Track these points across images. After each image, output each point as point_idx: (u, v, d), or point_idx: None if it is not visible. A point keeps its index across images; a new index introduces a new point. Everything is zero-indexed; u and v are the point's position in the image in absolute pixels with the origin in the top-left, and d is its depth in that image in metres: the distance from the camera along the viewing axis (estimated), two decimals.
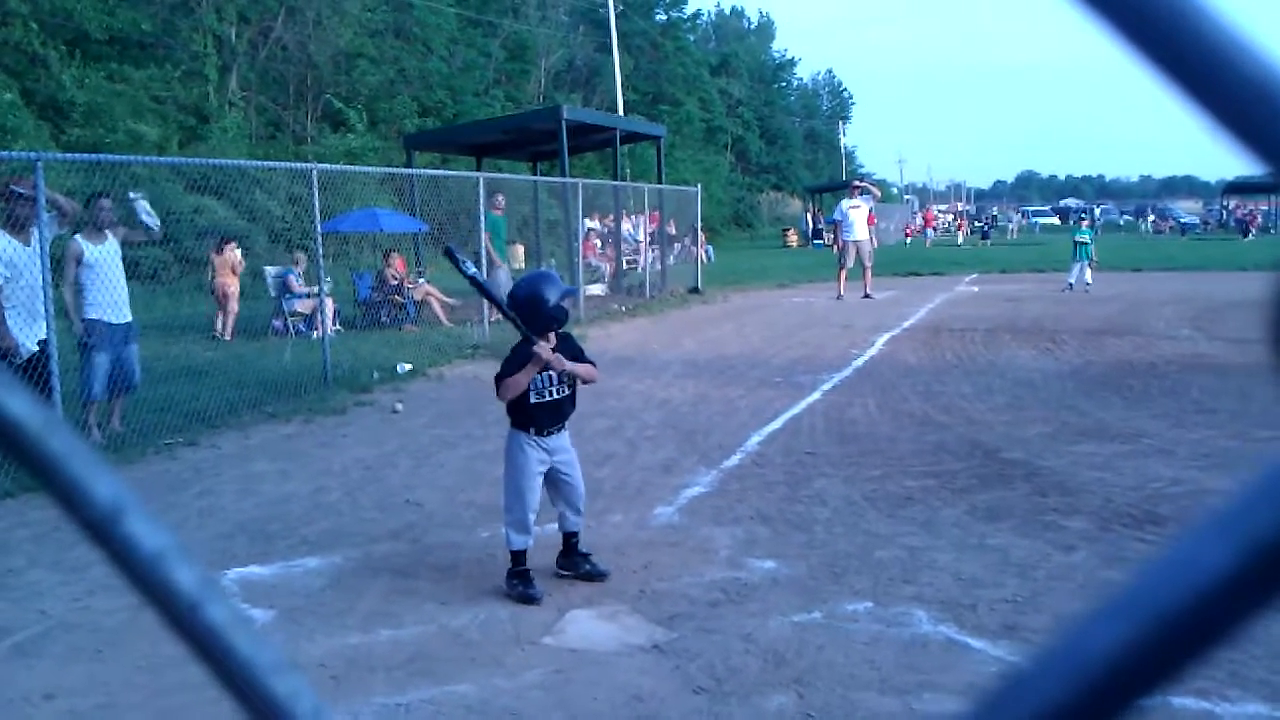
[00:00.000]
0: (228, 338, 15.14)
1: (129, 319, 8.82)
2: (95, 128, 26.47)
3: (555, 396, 5.07)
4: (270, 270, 16.40)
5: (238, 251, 16.46)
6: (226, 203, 19.86)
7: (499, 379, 5.03)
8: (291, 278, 15.65)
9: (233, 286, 15.80)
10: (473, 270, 5.09)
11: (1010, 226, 62.26)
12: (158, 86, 29.28)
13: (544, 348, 4.89)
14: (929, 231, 53.08)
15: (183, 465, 7.88)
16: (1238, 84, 0.28)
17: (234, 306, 15.71)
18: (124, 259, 8.98)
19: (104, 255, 8.58)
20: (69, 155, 10.50)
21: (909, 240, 51.40)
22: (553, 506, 5.25)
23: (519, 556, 5.06)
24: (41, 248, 7.90)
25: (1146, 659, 0.27)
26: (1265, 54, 0.28)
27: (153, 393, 9.47)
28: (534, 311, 4.98)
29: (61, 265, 8.48)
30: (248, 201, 20.24)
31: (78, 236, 8.56)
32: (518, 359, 5.00)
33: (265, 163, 17.36)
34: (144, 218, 9.05)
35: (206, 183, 16.16)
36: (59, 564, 5.47)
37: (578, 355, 5.16)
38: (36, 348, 8.02)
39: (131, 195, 9.21)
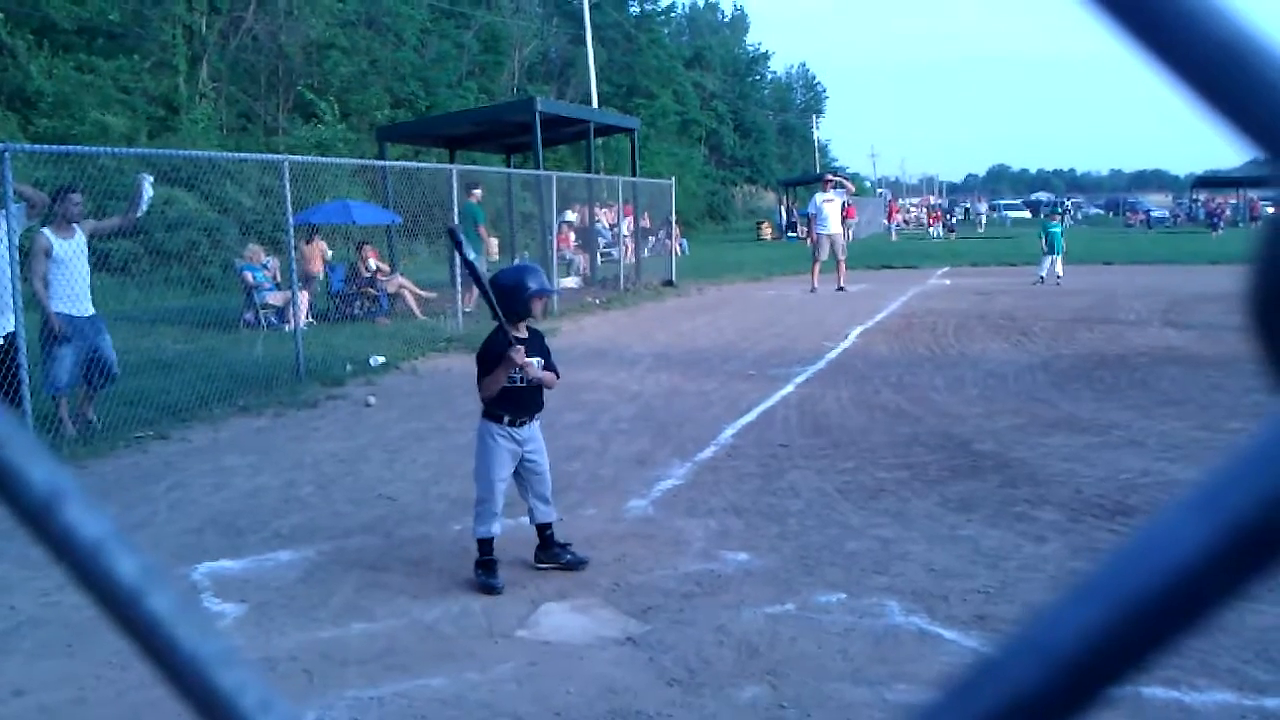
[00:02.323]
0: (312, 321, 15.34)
1: (92, 312, 8.70)
2: (63, 119, 26.16)
3: (526, 383, 5.10)
4: (239, 263, 16.27)
5: (324, 242, 16.71)
6: (197, 194, 19.70)
7: (480, 375, 5.08)
8: (248, 273, 15.50)
9: (319, 274, 16.40)
10: (473, 256, 5.09)
11: (979, 217, 62.38)
12: (127, 77, 28.95)
13: (519, 352, 4.95)
14: (894, 224, 52.77)
15: (153, 459, 7.81)
16: (1233, 66, 0.28)
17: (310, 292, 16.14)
18: (95, 251, 8.89)
19: (71, 249, 8.47)
20: (36, 147, 10.38)
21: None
22: (521, 499, 5.26)
23: (487, 546, 5.08)
24: (9, 240, 7.80)
25: (1121, 642, 0.26)
26: (1263, 36, 0.28)
27: (123, 386, 9.38)
28: (510, 300, 5.03)
29: (28, 258, 8.38)
30: (218, 193, 20.06)
31: (45, 230, 8.43)
32: (492, 353, 5.05)
33: (236, 154, 17.18)
34: (144, 197, 8.94)
35: (177, 174, 16.02)
36: (26, 559, 5.40)
37: (545, 353, 5.22)
38: (3, 340, 7.93)
39: (140, 175, 9.11)
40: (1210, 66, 0.27)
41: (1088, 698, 0.26)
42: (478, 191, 17.08)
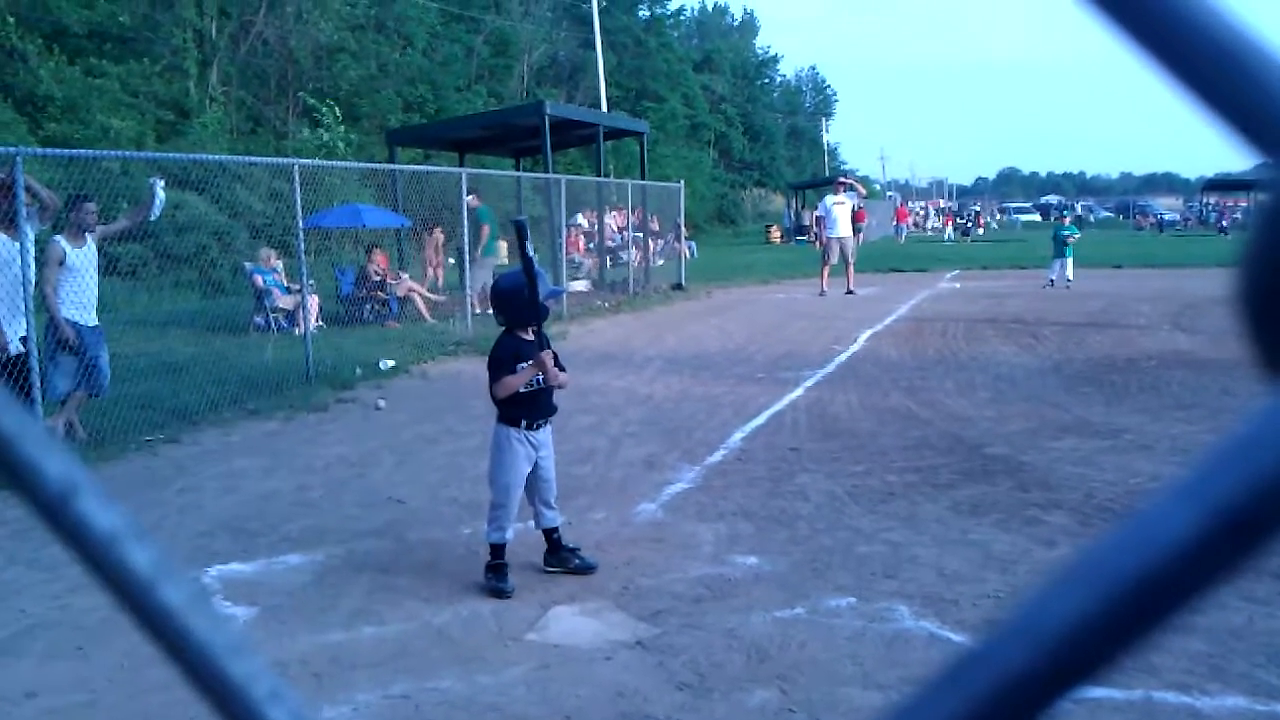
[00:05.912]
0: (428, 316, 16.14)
1: (96, 322, 8.72)
2: (73, 123, 26.27)
3: (542, 386, 5.09)
4: (249, 266, 16.32)
5: (441, 235, 17.61)
6: (207, 198, 19.75)
7: (494, 379, 5.05)
8: (259, 276, 15.49)
9: (437, 265, 17.77)
10: (533, 252, 4.97)
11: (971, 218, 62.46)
12: (137, 81, 29.08)
13: (548, 355, 4.91)
14: (902, 227, 52.75)
15: (164, 462, 7.84)
16: (1231, 66, 0.28)
17: (425, 284, 17.41)
18: (104, 254, 8.91)
19: (83, 258, 8.50)
20: (48, 150, 10.42)
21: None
22: (528, 504, 5.25)
23: (499, 550, 5.08)
24: (22, 243, 7.83)
25: (1106, 627, 0.26)
26: (1259, 38, 0.28)
27: (134, 389, 9.42)
28: (517, 306, 5.00)
29: (41, 266, 8.40)
30: (228, 197, 20.12)
31: (59, 238, 8.44)
32: (505, 356, 5.02)
33: (246, 158, 17.23)
34: (156, 201, 8.99)
35: (187, 177, 16.05)
36: (37, 562, 5.43)
37: (555, 356, 5.19)
38: (21, 345, 7.96)
39: (153, 179, 9.17)
40: (1208, 68, 0.27)
41: (1074, 681, 0.27)
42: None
